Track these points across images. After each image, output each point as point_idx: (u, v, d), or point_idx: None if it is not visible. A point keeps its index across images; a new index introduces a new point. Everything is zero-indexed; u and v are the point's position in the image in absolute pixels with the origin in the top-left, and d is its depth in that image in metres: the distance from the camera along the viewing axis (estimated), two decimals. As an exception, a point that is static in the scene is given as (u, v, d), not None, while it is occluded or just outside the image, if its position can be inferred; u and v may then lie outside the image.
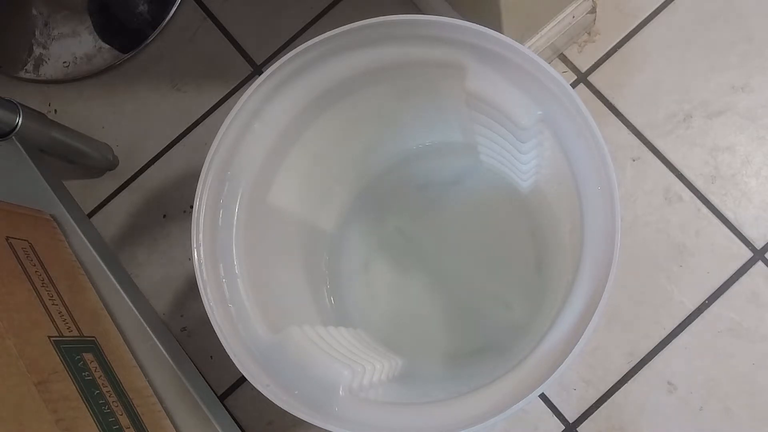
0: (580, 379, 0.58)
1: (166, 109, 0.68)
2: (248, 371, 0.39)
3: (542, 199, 0.53)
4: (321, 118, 0.46)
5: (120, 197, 0.67)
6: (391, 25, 0.40)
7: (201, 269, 0.41)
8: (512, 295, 0.56)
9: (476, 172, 0.57)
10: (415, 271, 0.58)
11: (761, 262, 0.57)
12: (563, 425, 0.57)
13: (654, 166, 0.60)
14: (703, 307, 0.57)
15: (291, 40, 0.68)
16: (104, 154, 0.67)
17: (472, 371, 0.54)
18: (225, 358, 0.39)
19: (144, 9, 0.71)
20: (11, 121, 0.56)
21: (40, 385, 0.43)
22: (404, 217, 0.59)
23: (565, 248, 0.51)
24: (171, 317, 0.64)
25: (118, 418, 0.47)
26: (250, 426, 0.61)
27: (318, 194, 0.54)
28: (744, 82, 0.60)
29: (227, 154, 0.42)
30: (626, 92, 0.62)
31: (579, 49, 0.63)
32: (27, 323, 0.46)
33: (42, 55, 0.71)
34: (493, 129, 0.44)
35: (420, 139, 0.56)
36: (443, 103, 0.47)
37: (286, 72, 0.42)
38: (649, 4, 0.63)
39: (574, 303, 0.37)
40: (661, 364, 0.57)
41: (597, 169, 0.37)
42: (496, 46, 0.38)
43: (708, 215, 0.59)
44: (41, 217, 0.56)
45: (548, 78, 0.37)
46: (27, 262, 0.50)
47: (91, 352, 0.49)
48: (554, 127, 0.39)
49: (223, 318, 0.40)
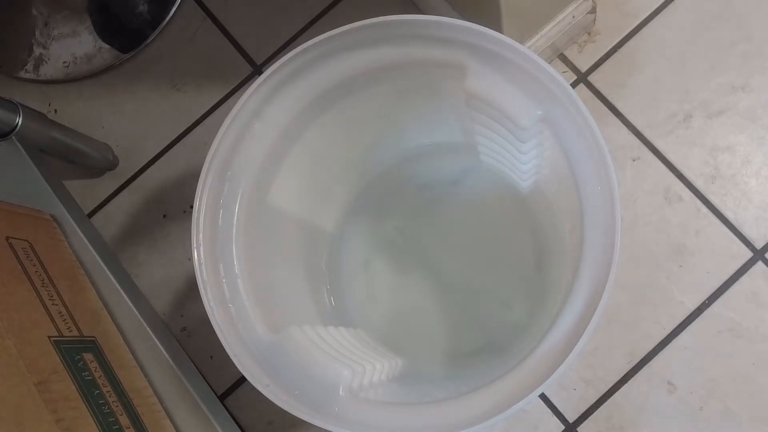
0: (580, 379, 0.58)
1: (166, 109, 0.68)
2: (248, 371, 0.39)
3: (542, 199, 0.53)
4: (321, 118, 0.46)
5: (120, 197, 0.67)
6: (391, 25, 0.40)
7: (201, 269, 0.41)
8: (512, 295, 0.56)
9: (476, 172, 0.57)
10: (415, 271, 0.58)
11: (761, 262, 0.57)
12: (563, 425, 0.57)
13: (654, 166, 0.60)
14: (703, 307, 0.57)
15: (291, 40, 0.68)
16: (104, 154, 0.67)
17: (472, 371, 0.54)
18: (225, 358, 0.39)
19: (144, 9, 0.71)
20: (11, 121, 0.56)
21: (40, 385, 0.43)
22: (404, 217, 0.59)
23: (565, 248, 0.51)
24: (171, 317, 0.64)
25: (118, 418, 0.47)
26: (250, 426, 0.61)
27: (318, 194, 0.54)
28: (744, 82, 0.60)
29: (227, 154, 0.42)
30: (626, 92, 0.62)
31: (579, 49, 0.63)
32: (27, 323, 0.46)
33: (42, 55, 0.71)
34: (493, 129, 0.44)
35: (420, 139, 0.56)
36: (443, 103, 0.47)
37: (286, 72, 0.42)
38: (649, 4, 0.63)
39: (574, 303, 0.37)
40: (661, 364, 0.57)
41: (597, 169, 0.37)
42: (496, 46, 0.38)
43: (708, 215, 0.59)
44: (41, 217, 0.56)
45: (548, 78, 0.37)
46: (27, 262, 0.50)
47: (91, 352, 0.49)
48: (554, 127, 0.39)
49: (223, 318, 0.40)
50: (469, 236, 0.58)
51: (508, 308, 0.56)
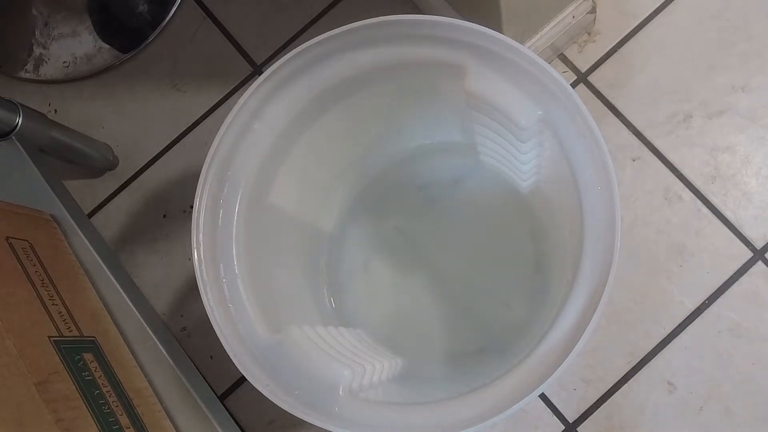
0: (580, 379, 0.58)
1: (166, 109, 0.68)
2: (248, 371, 0.39)
3: (542, 199, 0.53)
4: (321, 118, 0.46)
5: (120, 197, 0.67)
6: (391, 25, 0.40)
7: (201, 269, 0.41)
8: (512, 295, 0.56)
9: (476, 172, 0.57)
10: (415, 271, 0.58)
11: (761, 262, 0.57)
12: (563, 425, 0.57)
13: (654, 166, 0.60)
14: (703, 307, 0.57)
15: (291, 40, 0.68)
16: (104, 154, 0.67)
17: (472, 371, 0.54)
18: (225, 358, 0.39)
19: (144, 9, 0.71)
20: (11, 121, 0.56)
21: (40, 385, 0.43)
22: (404, 216, 0.59)
23: (565, 248, 0.51)
24: (171, 317, 0.64)
25: (118, 418, 0.47)
26: (250, 426, 0.61)
27: (318, 194, 0.54)
28: (744, 82, 0.60)
29: (227, 154, 0.42)
30: (626, 92, 0.62)
31: (579, 49, 0.63)
32: (27, 323, 0.46)
33: (42, 55, 0.71)
34: (493, 129, 0.44)
35: (420, 139, 0.56)
36: (443, 103, 0.47)
37: (286, 72, 0.42)
38: (649, 4, 0.63)
39: (574, 303, 0.37)
40: (661, 364, 0.57)
41: (597, 169, 0.37)
42: (496, 46, 0.38)
43: (708, 215, 0.59)
44: (41, 217, 0.56)
45: (548, 78, 0.37)
46: (27, 262, 0.50)
47: (91, 352, 0.49)
48: (554, 127, 0.39)
49: (223, 318, 0.40)
50: (469, 236, 0.58)
51: (508, 308, 0.56)
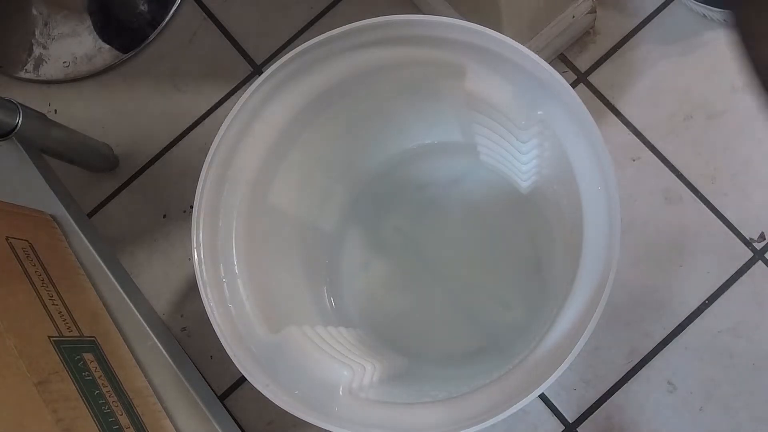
0: (580, 379, 0.58)
1: (166, 109, 0.68)
2: (248, 371, 0.39)
3: (542, 199, 0.53)
4: (321, 118, 0.46)
5: (120, 197, 0.67)
6: (391, 25, 0.40)
7: (201, 269, 0.41)
8: (512, 295, 0.56)
9: (476, 172, 0.57)
10: (415, 271, 0.58)
11: (761, 262, 0.57)
12: (563, 425, 0.57)
13: (654, 166, 0.60)
14: (703, 307, 0.57)
15: (291, 40, 0.68)
16: (104, 154, 0.67)
17: (472, 371, 0.54)
18: (225, 358, 0.39)
19: (144, 9, 0.71)
20: (11, 121, 0.56)
21: (40, 385, 0.43)
22: (404, 217, 0.59)
23: (565, 248, 0.51)
24: (171, 317, 0.64)
25: (118, 418, 0.47)
26: (250, 426, 0.61)
27: (318, 194, 0.54)
28: (744, 82, 0.60)
29: (227, 154, 0.42)
30: (626, 92, 0.62)
31: (579, 49, 0.63)
32: (27, 323, 0.46)
33: (42, 55, 0.71)
34: (493, 129, 0.44)
35: (420, 139, 0.56)
36: (443, 103, 0.47)
37: (286, 72, 0.42)
38: (649, 4, 0.63)
39: (574, 303, 0.37)
40: (661, 364, 0.57)
41: (597, 169, 0.37)
42: (496, 46, 0.38)
43: (708, 215, 0.59)
44: (41, 217, 0.56)
45: (548, 78, 0.37)
46: (27, 262, 0.50)
47: (91, 352, 0.49)
48: (554, 127, 0.39)
49: (223, 318, 0.40)
50: (469, 236, 0.58)
51: (508, 308, 0.56)
